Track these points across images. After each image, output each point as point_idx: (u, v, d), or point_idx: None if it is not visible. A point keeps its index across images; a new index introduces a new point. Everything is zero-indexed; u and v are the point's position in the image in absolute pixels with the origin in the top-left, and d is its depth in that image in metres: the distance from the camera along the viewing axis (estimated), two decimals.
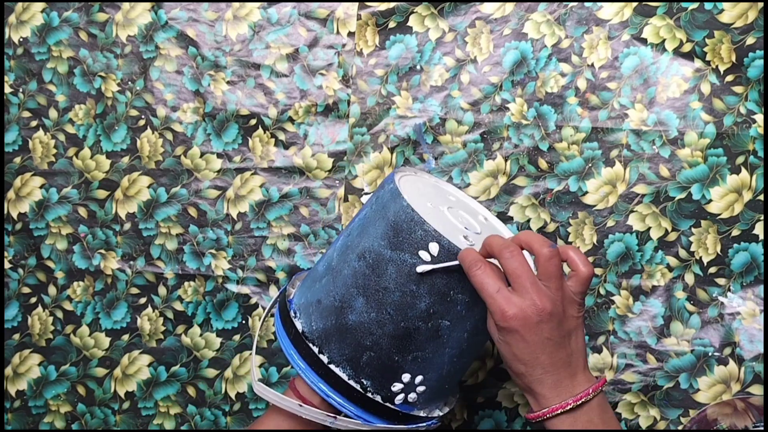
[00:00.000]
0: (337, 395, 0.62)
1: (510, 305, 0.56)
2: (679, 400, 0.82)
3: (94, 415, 0.88)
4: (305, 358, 0.63)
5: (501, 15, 0.83)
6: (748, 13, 0.80)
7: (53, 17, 0.87)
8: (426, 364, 0.62)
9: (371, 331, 0.61)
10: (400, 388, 0.63)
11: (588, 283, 0.59)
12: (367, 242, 0.62)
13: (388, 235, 0.61)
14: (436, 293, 0.60)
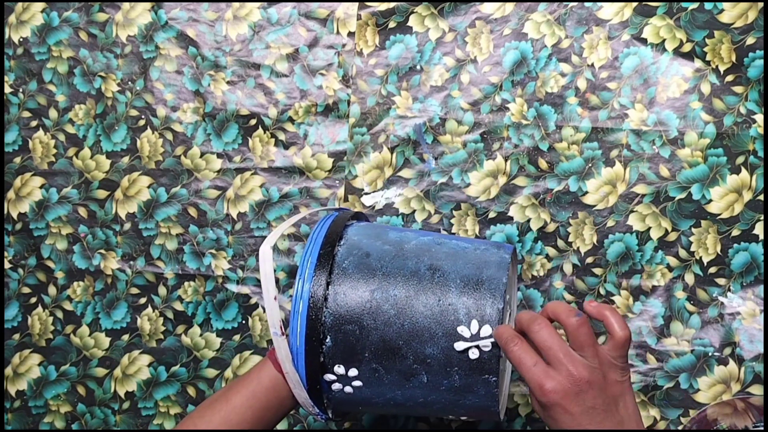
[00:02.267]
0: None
1: (547, 379, 0.55)
2: (679, 400, 0.82)
3: (94, 415, 0.88)
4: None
5: (501, 15, 0.83)
6: (748, 13, 0.80)
7: (53, 17, 0.87)
8: None
9: None
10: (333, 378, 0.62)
11: (626, 347, 0.57)
12: None
13: None
14: None
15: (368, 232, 0.66)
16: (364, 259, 0.62)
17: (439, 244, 0.64)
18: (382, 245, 0.64)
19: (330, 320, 0.61)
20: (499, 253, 0.64)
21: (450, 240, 0.65)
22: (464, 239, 0.66)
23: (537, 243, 0.83)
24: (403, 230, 0.68)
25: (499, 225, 0.83)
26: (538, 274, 0.83)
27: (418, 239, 0.65)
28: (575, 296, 0.83)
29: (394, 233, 0.66)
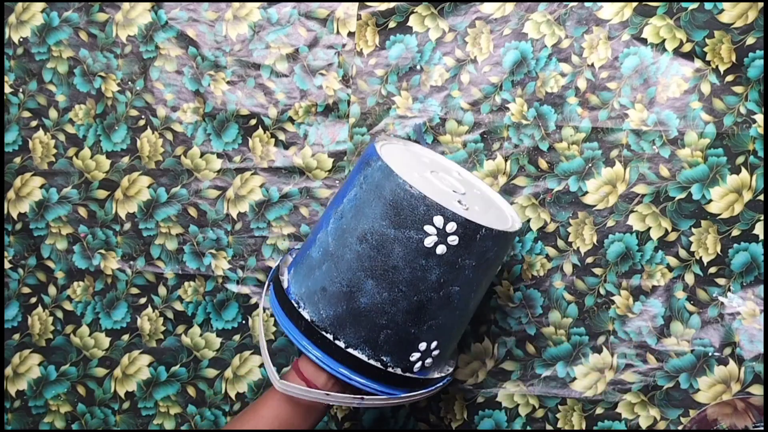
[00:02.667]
0: (359, 376, 0.64)
1: None
2: (679, 400, 0.81)
3: (94, 415, 0.88)
4: (320, 346, 0.64)
5: (501, 15, 0.83)
6: (748, 13, 0.80)
7: (53, 17, 0.87)
8: (440, 330, 0.65)
9: (385, 310, 0.62)
10: (417, 357, 0.65)
11: None
12: (367, 224, 0.63)
13: (389, 214, 0.62)
14: (446, 263, 0.62)
15: (302, 273, 0.67)
16: (324, 293, 0.65)
17: (341, 217, 0.65)
18: (322, 270, 0.65)
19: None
20: (375, 166, 0.64)
21: (342, 204, 0.66)
22: (346, 190, 0.67)
23: (537, 243, 0.83)
24: (314, 237, 0.68)
25: None
26: (538, 274, 0.83)
27: (327, 232, 0.66)
28: (575, 296, 0.83)
29: (315, 249, 0.67)
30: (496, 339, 0.84)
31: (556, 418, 0.83)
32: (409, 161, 0.70)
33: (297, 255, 0.70)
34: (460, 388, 0.84)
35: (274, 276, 0.70)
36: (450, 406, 0.84)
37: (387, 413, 0.85)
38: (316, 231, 0.68)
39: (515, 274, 0.83)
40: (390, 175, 0.62)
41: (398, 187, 0.61)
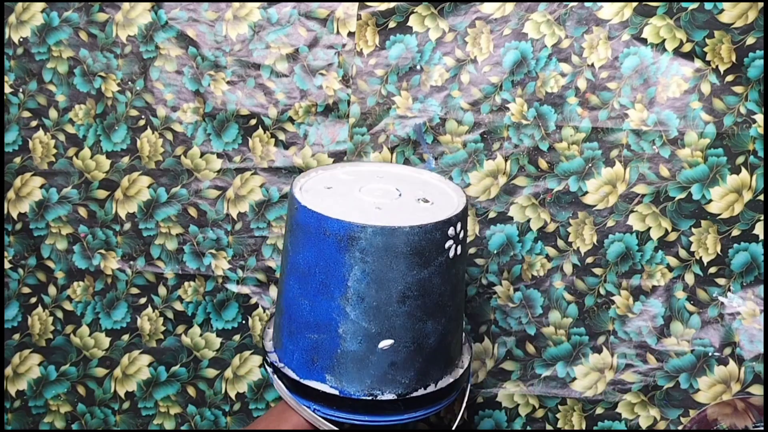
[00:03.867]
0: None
1: None
2: (679, 400, 0.81)
3: (94, 415, 0.88)
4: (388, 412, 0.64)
5: (501, 15, 0.83)
6: (748, 13, 0.80)
7: (53, 17, 0.87)
8: None
9: (448, 332, 0.65)
10: None
11: None
12: (399, 284, 0.61)
13: (414, 261, 0.60)
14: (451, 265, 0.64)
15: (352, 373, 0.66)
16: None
17: (362, 300, 0.62)
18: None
19: None
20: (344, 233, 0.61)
21: (343, 291, 0.63)
22: (330, 280, 0.63)
23: (537, 243, 0.83)
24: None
25: (499, 225, 0.83)
26: (538, 274, 0.83)
27: (350, 323, 0.63)
28: (575, 296, 0.83)
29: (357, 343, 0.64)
30: (496, 339, 0.84)
31: (556, 418, 0.83)
32: (337, 192, 0.68)
33: (323, 359, 0.64)
34: None
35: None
36: (450, 406, 0.84)
37: None
38: (328, 329, 0.62)
39: (515, 274, 0.83)
40: (393, 232, 0.59)
41: (412, 235, 0.60)
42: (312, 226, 0.60)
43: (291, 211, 0.63)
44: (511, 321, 0.83)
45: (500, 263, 0.83)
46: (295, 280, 0.63)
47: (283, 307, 0.65)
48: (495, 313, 0.84)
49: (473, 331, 0.84)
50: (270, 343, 0.69)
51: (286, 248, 0.64)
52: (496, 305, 0.84)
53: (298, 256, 0.62)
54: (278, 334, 0.66)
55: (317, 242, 0.60)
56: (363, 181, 0.70)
